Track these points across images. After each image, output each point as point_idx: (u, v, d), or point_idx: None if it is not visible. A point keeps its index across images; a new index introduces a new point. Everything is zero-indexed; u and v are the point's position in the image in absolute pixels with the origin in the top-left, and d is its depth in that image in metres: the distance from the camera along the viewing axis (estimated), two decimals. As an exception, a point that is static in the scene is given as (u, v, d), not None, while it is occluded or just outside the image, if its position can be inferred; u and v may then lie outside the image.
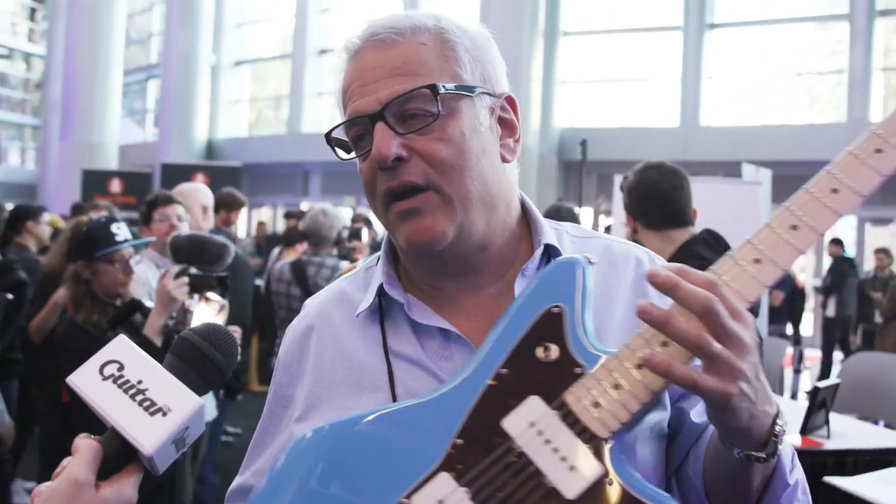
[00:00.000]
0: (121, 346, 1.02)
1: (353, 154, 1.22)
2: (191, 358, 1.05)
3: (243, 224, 18.87)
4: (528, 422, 1.05)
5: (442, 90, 1.15)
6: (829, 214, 1.03)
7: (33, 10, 31.55)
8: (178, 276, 3.30)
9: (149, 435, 0.96)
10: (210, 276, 3.46)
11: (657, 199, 3.11)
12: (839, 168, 1.03)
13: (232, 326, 3.62)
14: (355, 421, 1.12)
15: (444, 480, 1.05)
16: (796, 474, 1.10)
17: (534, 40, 15.44)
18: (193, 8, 20.57)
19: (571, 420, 1.04)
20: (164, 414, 0.98)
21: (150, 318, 3.26)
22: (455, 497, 1.04)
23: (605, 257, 1.28)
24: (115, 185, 17.03)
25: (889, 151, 1.03)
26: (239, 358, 1.18)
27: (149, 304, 3.44)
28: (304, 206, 16.88)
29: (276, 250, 8.67)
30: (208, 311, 3.49)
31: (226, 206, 6.11)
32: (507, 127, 1.25)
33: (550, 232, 1.26)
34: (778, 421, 1.02)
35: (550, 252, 1.24)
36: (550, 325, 1.09)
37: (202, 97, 21.08)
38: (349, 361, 1.25)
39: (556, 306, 1.10)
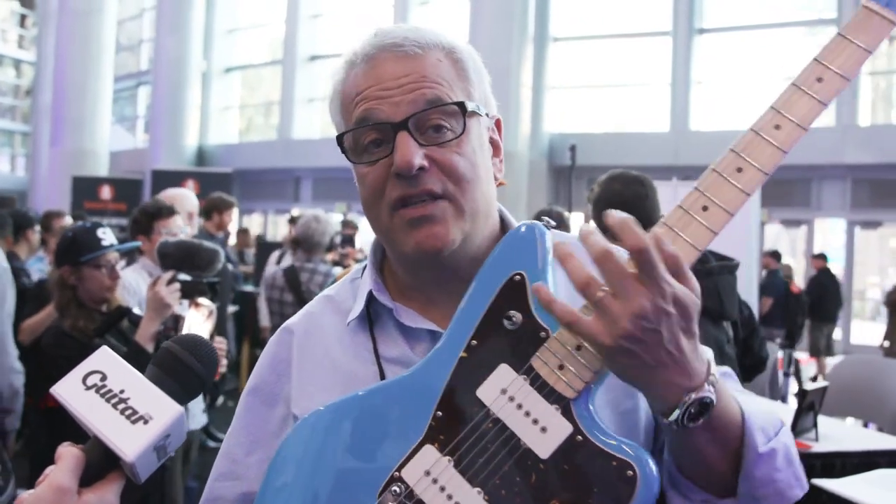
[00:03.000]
0: (104, 357, 1.05)
1: (368, 157, 1.23)
2: (172, 368, 1.08)
3: (236, 227, 18.84)
4: (500, 389, 1.11)
5: (470, 108, 1.20)
6: (773, 151, 1.06)
7: (23, 17, 31.49)
8: (169, 282, 3.30)
9: (130, 442, 0.99)
10: (201, 282, 3.46)
11: (620, 210, 3.13)
12: (779, 104, 1.08)
13: (218, 338, 3.63)
14: (347, 402, 1.19)
15: (429, 452, 1.12)
16: (775, 443, 1.10)
17: (523, 46, 15.47)
18: (184, 14, 20.57)
19: (540, 384, 1.09)
20: (146, 422, 1.00)
21: (142, 325, 3.26)
22: (440, 466, 1.11)
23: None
24: (106, 192, 17.00)
25: (830, 78, 1.07)
26: (225, 368, 1.20)
27: (137, 311, 3.44)
28: (294, 211, 16.88)
29: (274, 255, 8.61)
30: (198, 317, 3.49)
31: (217, 210, 6.12)
32: (494, 147, 1.30)
33: None
34: (694, 394, 1.01)
35: None
36: (514, 293, 1.14)
37: (192, 104, 21.06)
38: (337, 368, 1.28)
39: (518, 274, 1.15)
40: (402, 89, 1.19)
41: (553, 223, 1.21)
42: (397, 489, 1.11)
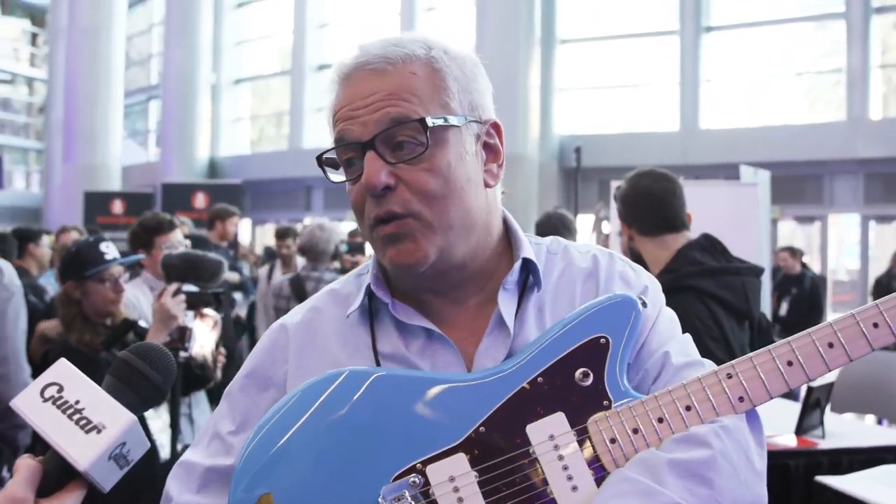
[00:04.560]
0: (61, 369, 1.08)
1: (341, 177, 1.29)
2: (127, 377, 1.10)
3: (247, 238, 18.87)
4: (549, 434, 1.15)
5: (431, 124, 1.20)
6: (864, 344, 1.13)
7: (34, 35, 31.73)
8: (175, 294, 3.32)
9: (83, 451, 1.02)
10: (206, 293, 3.49)
11: (651, 205, 3.09)
12: (888, 305, 1.13)
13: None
14: (403, 377, 1.22)
15: (460, 460, 1.14)
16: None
17: (531, 49, 15.46)
18: (192, 28, 20.67)
19: (587, 446, 1.14)
20: (99, 431, 1.03)
21: (148, 337, 3.28)
22: (466, 479, 1.13)
23: (566, 255, 1.37)
24: (118, 206, 17.10)
25: None
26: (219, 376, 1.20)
27: (143, 324, 3.46)
28: (306, 221, 16.89)
29: (264, 268, 8.27)
30: (204, 328, 3.52)
31: (220, 219, 6.16)
32: (491, 152, 1.31)
33: (529, 247, 1.33)
34: None
35: (529, 266, 1.30)
36: (594, 353, 1.18)
37: (203, 116, 21.15)
38: (335, 363, 1.29)
39: (604, 337, 1.19)
40: (368, 108, 1.21)
41: (648, 302, 1.26)
42: (416, 480, 1.13)
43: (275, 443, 1.18)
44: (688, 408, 1.13)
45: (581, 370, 1.16)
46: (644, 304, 1.22)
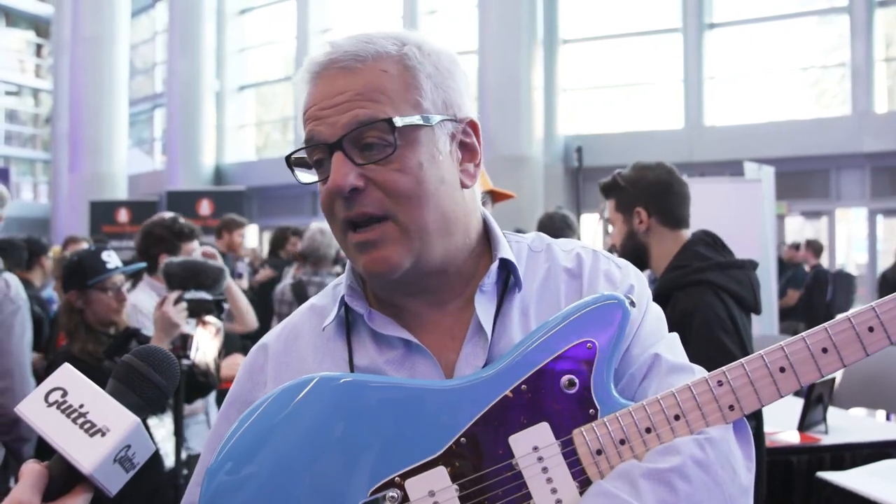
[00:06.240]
0: (65, 374, 1.08)
1: (312, 177, 1.24)
2: (131, 380, 1.10)
3: (254, 244, 18.87)
4: (533, 446, 1.10)
5: (399, 124, 1.16)
6: (858, 349, 1.10)
7: (39, 46, 31.86)
8: (176, 301, 3.33)
9: (87, 454, 1.02)
10: (207, 300, 3.49)
11: (678, 199, 3.11)
12: (884, 308, 1.10)
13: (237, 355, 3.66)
14: (379, 382, 1.17)
15: (440, 474, 1.10)
16: None
17: (533, 50, 15.43)
18: (195, 36, 20.72)
19: (572, 459, 1.09)
20: (103, 434, 1.03)
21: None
22: (446, 493, 1.09)
23: (550, 253, 1.33)
24: (123, 215, 17.14)
25: None
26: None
27: (145, 332, 3.47)
28: (313, 225, 16.89)
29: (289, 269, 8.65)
30: (206, 335, 3.53)
31: (227, 229, 6.17)
32: (468, 151, 1.27)
33: (508, 246, 1.29)
34: None
35: (508, 266, 1.27)
36: (581, 358, 1.13)
37: (208, 123, 21.18)
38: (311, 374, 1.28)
39: (591, 342, 1.13)
40: (336, 109, 1.18)
41: (637, 302, 1.21)
42: (395, 495, 1.10)
43: (242, 458, 1.14)
44: (676, 417, 1.09)
45: (567, 377, 1.12)
46: (632, 304, 1.17)
